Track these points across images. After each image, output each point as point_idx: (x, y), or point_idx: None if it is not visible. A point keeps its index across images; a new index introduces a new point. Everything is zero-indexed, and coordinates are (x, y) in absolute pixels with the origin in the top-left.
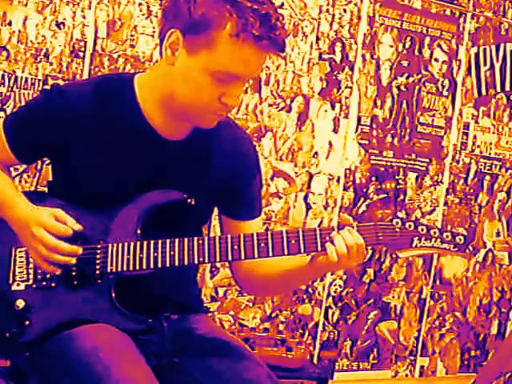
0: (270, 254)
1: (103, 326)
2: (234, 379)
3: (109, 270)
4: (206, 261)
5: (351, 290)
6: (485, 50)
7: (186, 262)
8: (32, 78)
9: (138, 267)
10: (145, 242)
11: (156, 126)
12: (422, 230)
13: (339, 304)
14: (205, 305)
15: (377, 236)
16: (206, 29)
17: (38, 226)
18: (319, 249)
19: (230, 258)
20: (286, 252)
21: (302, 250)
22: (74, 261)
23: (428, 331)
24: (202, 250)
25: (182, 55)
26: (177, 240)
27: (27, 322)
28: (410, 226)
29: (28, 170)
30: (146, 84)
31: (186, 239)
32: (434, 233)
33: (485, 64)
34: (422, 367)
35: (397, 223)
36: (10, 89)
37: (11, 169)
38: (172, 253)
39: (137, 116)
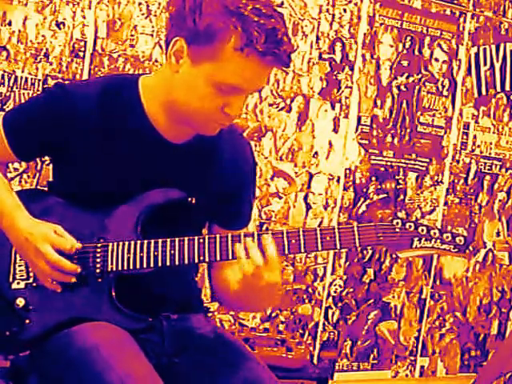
0: None
1: (103, 323)
2: (234, 379)
3: (109, 269)
4: (207, 260)
5: (351, 290)
6: (485, 49)
7: (186, 261)
8: (32, 78)
9: (138, 266)
10: (145, 241)
11: (159, 128)
12: (422, 230)
13: (339, 304)
14: (205, 305)
15: (377, 236)
16: (210, 40)
17: (44, 241)
18: (319, 248)
19: (230, 257)
20: (286, 251)
21: (302, 250)
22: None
23: (428, 331)
24: (202, 249)
25: (185, 64)
26: (177, 239)
27: (27, 321)
28: (410, 226)
29: (28, 170)
30: (150, 87)
31: (186, 238)
32: (434, 233)
33: (485, 64)
34: (422, 367)
35: (397, 223)
36: (9, 89)
37: (11, 168)
38: (172, 252)
39: (140, 117)
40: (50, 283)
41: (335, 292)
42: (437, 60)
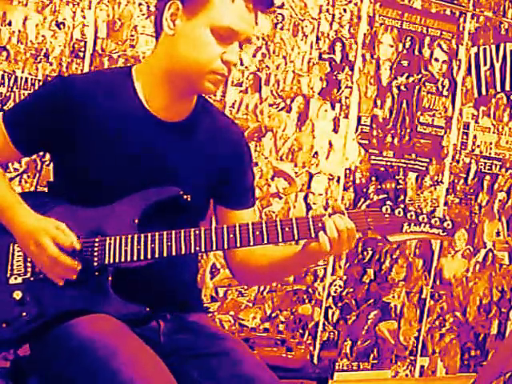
0: (265, 241)
1: (102, 315)
2: (233, 378)
3: (106, 262)
4: (203, 249)
5: (351, 290)
6: (485, 49)
7: (182, 252)
8: (32, 78)
9: (135, 258)
10: (142, 235)
11: (154, 111)
12: (411, 215)
13: (339, 304)
14: (205, 305)
15: (367, 222)
16: None
17: (46, 234)
18: (312, 235)
19: (225, 247)
20: (280, 239)
21: (296, 237)
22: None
23: (428, 331)
24: (198, 240)
25: (181, 23)
26: (173, 232)
27: (24, 314)
28: (399, 212)
29: (28, 170)
30: (144, 69)
31: (182, 230)
32: (423, 218)
33: (485, 64)
34: (422, 367)
35: (386, 210)
36: (9, 89)
37: (11, 168)
38: (169, 244)
39: (134, 102)
40: (54, 275)
41: (335, 292)
42: (437, 60)
